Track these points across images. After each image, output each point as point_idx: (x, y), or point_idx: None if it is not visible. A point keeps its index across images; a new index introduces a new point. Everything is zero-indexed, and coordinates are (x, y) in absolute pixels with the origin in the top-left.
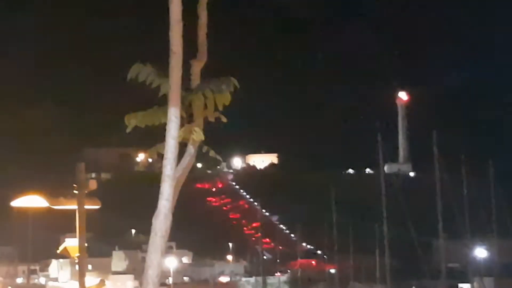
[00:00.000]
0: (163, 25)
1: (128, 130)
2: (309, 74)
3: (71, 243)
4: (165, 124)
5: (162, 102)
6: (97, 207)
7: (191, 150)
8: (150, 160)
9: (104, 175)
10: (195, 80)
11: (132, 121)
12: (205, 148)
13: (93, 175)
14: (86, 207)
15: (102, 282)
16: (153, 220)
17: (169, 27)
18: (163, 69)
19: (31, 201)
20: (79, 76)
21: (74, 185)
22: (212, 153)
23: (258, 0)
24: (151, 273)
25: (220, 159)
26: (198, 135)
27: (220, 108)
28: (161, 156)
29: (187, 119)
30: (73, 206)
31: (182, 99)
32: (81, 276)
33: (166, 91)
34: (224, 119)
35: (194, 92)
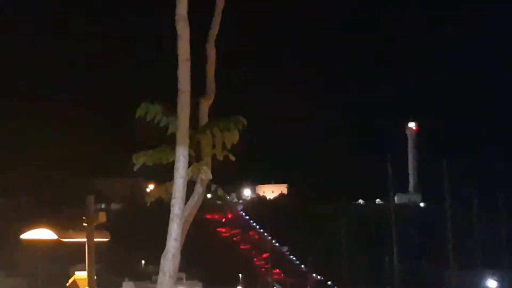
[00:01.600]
0: (172, 62)
1: (135, 168)
2: (317, 105)
3: (81, 275)
4: (173, 162)
5: (170, 140)
6: (106, 239)
7: (199, 189)
8: None
9: (114, 206)
10: (203, 118)
11: (140, 159)
12: (213, 187)
13: (103, 205)
14: (96, 239)
15: None
16: (162, 260)
17: (177, 65)
18: (171, 106)
19: (40, 234)
20: (88, 107)
21: (84, 217)
22: (220, 192)
23: (270, 32)
24: None
25: (228, 197)
26: (206, 174)
27: (229, 146)
28: (169, 193)
29: (195, 157)
30: (83, 239)
31: (190, 137)
32: None
33: (174, 130)
34: (232, 158)
35: (202, 131)
